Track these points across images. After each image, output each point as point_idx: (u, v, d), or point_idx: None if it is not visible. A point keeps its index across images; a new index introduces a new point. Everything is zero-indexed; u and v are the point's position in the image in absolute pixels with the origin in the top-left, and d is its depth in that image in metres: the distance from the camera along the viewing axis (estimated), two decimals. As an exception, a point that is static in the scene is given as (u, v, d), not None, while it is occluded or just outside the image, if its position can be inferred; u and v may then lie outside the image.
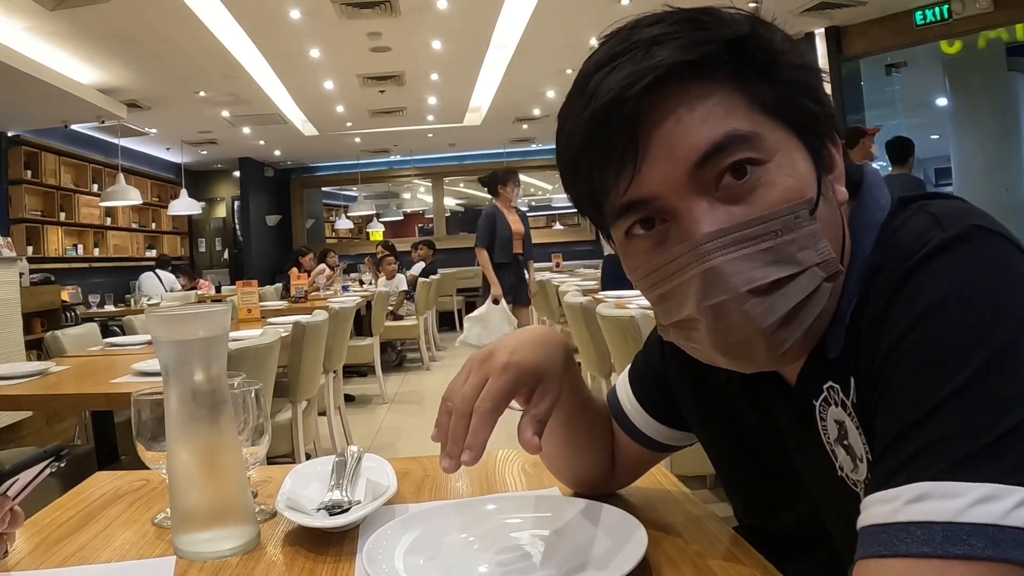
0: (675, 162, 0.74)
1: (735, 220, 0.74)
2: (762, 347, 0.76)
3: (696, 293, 0.75)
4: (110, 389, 2.74)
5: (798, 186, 0.75)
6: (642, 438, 1.18)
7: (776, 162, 0.75)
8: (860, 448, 0.79)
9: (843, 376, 0.79)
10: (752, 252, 0.73)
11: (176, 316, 1.05)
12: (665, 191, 0.76)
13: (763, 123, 0.75)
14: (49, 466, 0.94)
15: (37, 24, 6.84)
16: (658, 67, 0.73)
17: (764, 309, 0.74)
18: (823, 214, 0.76)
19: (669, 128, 0.74)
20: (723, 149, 0.73)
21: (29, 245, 10.02)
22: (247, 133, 12.57)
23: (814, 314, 0.76)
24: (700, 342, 0.80)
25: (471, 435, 0.88)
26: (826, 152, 0.80)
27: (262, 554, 1.06)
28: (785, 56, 0.77)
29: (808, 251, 0.74)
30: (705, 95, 0.74)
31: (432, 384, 8.37)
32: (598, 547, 0.98)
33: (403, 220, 18.45)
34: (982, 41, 9.25)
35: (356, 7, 7.21)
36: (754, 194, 0.74)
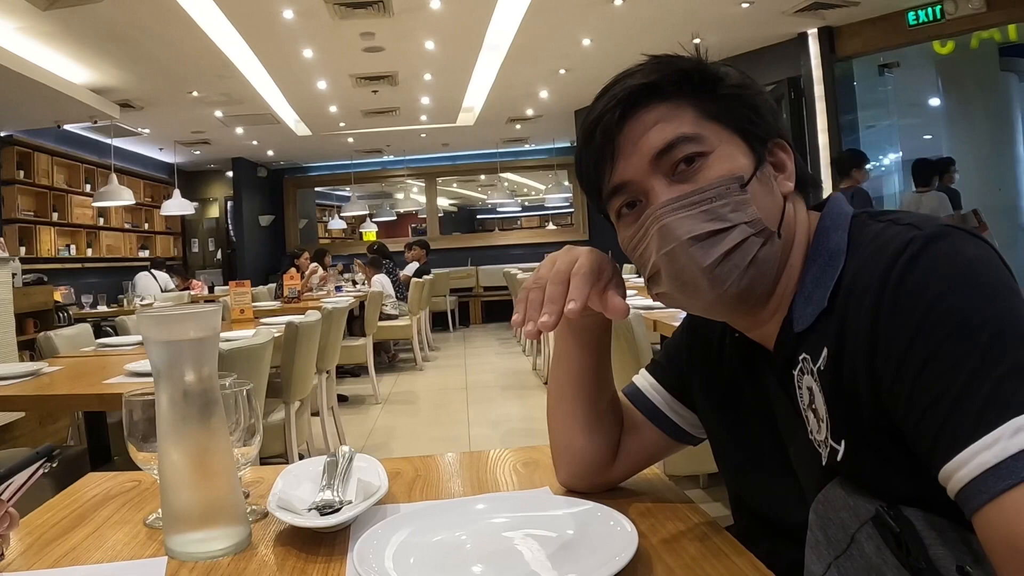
0: (640, 156, 1.00)
1: (682, 192, 0.97)
2: (705, 284, 0.96)
3: (655, 246, 0.98)
4: (103, 390, 2.74)
5: (732, 168, 0.98)
6: (663, 421, 1.27)
7: (716, 154, 0.98)
8: (822, 410, 0.93)
9: (815, 347, 0.94)
10: (694, 213, 0.96)
11: (167, 316, 1.05)
12: (636, 176, 1.01)
13: (707, 126, 0.99)
14: (42, 467, 0.94)
15: (30, 24, 6.82)
16: (624, 90, 1.01)
17: (702, 252, 0.95)
18: (757, 190, 0.98)
19: (636, 132, 1.00)
20: (674, 146, 0.98)
21: (22, 245, 9.98)
22: (240, 133, 12.55)
23: (745, 260, 0.96)
24: (664, 286, 1.01)
25: (574, 290, 1.03)
26: (773, 156, 1.04)
27: (253, 554, 1.07)
28: (725, 79, 1.02)
29: (737, 213, 0.95)
30: (662, 108, 1.00)
31: (425, 384, 8.36)
32: (589, 546, 0.98)
33: (396, 220, 18.44)
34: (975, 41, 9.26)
35: (349, 7, 7.20)
36: (698, 175, 0.98)
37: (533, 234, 18.02)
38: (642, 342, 3.04)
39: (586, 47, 8.90)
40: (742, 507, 1.19)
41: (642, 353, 3.03)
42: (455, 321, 14.07)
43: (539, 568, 0.95)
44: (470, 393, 7.60)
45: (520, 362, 9.41)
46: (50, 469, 0.95)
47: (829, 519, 0.89)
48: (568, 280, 1.04)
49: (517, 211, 21.05)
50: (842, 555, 0.86)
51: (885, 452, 0.85)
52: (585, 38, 8.64)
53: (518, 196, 20.83)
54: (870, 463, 0.87)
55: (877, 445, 0.86)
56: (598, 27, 8.22)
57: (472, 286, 15.17)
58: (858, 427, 0.88)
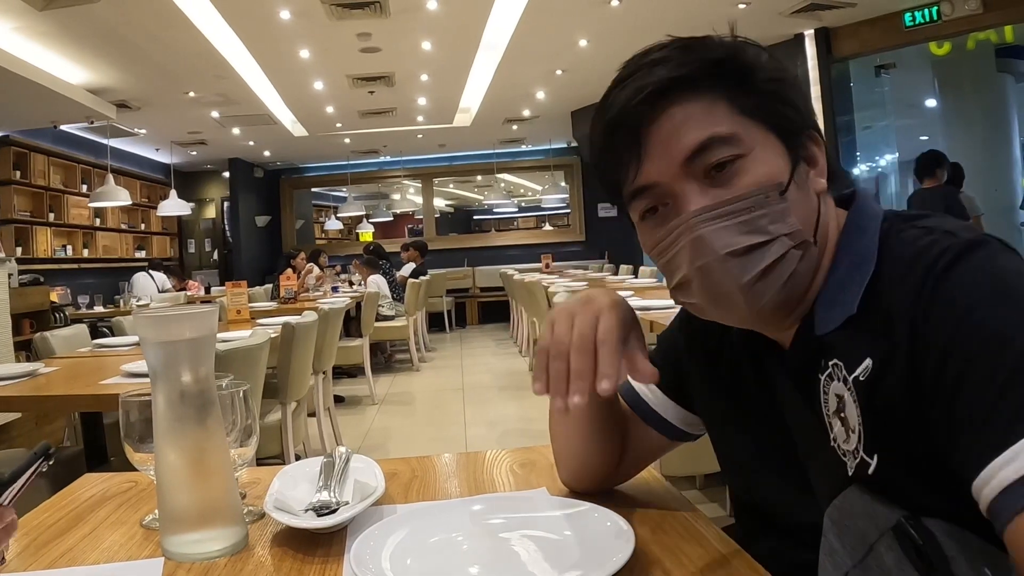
0: (669, 157, 0.91)
1: (717, 199, 0.90)
2: (741, 300, 0.91)
3: (688, 257, 0.92)
4: (99, 390, 2.74)
5: (770, 173, 0.91)
6: (659, 422, 1.24)
7: (753, 156, 0.91)
8: (855, 421, 0.88)
9: (850, 355, 0.89)
10: (731, 224, 0.89)
11: (163, 317, 1.05)
12: (663, 179, 0.93)
13: (743, 124, 0.91)
14: (39, 467, 0.94)
15: (26, 24, 6.81)
16: (653, 83, 0.91)
17: (740, 268, 0.89)
18: (795, 197, 0.91)
19: (664, 130, 0.91)
20: (707, 148, 0.90)
21: (18, 246, 9.96)
22: (237, 134, 12.53)
23: (784, 275, 0.90)
24: (695, 297, 0.95)
25: (605, 365, 0.95)
26: (805, 151, 0.96)
27: (250, 555, 1.06)
28: (762, 71, 0.94)
29: (778, 224, 0.89)
30: (692, 103, 0.91)
31: (422, 385, 8.35)
32: (586, 547, 0.98)
33: (393, 221, 18.42)
34: (971, 42, 9.29)
35: (346, 8, 7.19)
36: (734, 180, 0.90)
37: (530, 235, 18.03)
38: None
39: (583, 48, 8.90)
40: (743, 505, 1.18)
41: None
42: (452, 322, 14.07)
43: (536, 569, 0.95)
44: (467, 394, 7.59)
45: (517, 363, 9.41)
46: (47, 468, 0.95)
47: (846, 526, 0.87)
48: (594, 348, 0.96)
49: (514, 212, 21.03)
50: (859, 564, 0.84)
51: (917, 466, 0.83)
52: (582, 39, 8.64)
53: (515, 197, 20.81)
54: (899, 476, 0.84)
55: (910, 460, 0.83)
56: (595, 28, 8.22)
57: (469, 287, 15.17)
58: (894, 442, 0.84)
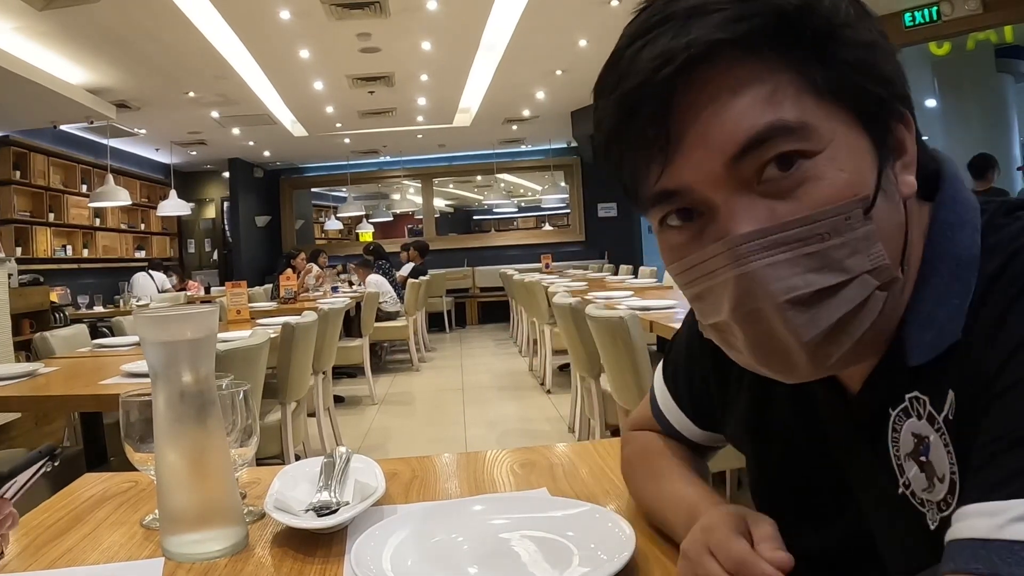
0: (711, 153, 0.66)
1: (777, 219, 0.65)
2: (804, 360, 0.68)
3: (731, 298, 0.68)
4: (99, 390, 2.74)
5: (852, 181, 0.66)
6: (686, 441, 1.15)
7: (828, 154, 0.65)
8: (944, 467, 0.68)
9: (936, 388, 0.69)
10: (794, 256, 0.65)
11: (163, 317, 1.05)
12: (700, 183, 0.68)
13: (815, 110, 0.66)
14: (44, 466, 0.94)
15: (26, 24, 6.81)
16: (693, 45, 0.64)
17: (805, 321, 0.66)
18: (881, 213, 0.67)
19: (705, 115, 0.66)
20: (765, 141, 0.64)
21: (18, 246, 9.97)
22: (236, 134, 12.53)
23: (864, 326, 0.67)
24: (738, 348, 0.73)
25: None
26: (892, 138, 0.71)
27: (250, 555, 1.06)
28: (848, 30, 0.67)
29: (859, 256, 0.65)
30: (747, 78, 0.65)
31: (422, 385, 8.35)
32: (586, 547, 0.98)
33: (392, 221, 18.42)
34: (971, 43, 9.29)
35: (346, 8, 7.19)
36: (800, 189, 0.65)
37: (529, 235, 18.02)
38: (638, 342, 3.04)
39: (583, 48, 8.90)
40: None
41: (638, 353, 3.03)
42: (451, 322, 14.06)
43: (537, 570, 0.95)
44: (467, 394, 7.59)
45: (517, 363, 9.41)
46: (51, 468, 0.95)
47: None
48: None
49: (513, 212, 21.04)
50: None
51: None
52: (582, 39, 8.64)
53: (514, 197, 20.83)
54: None
55: None
56: (594, 28, 8.21)
57: (468, 287, 15.17)
58: None
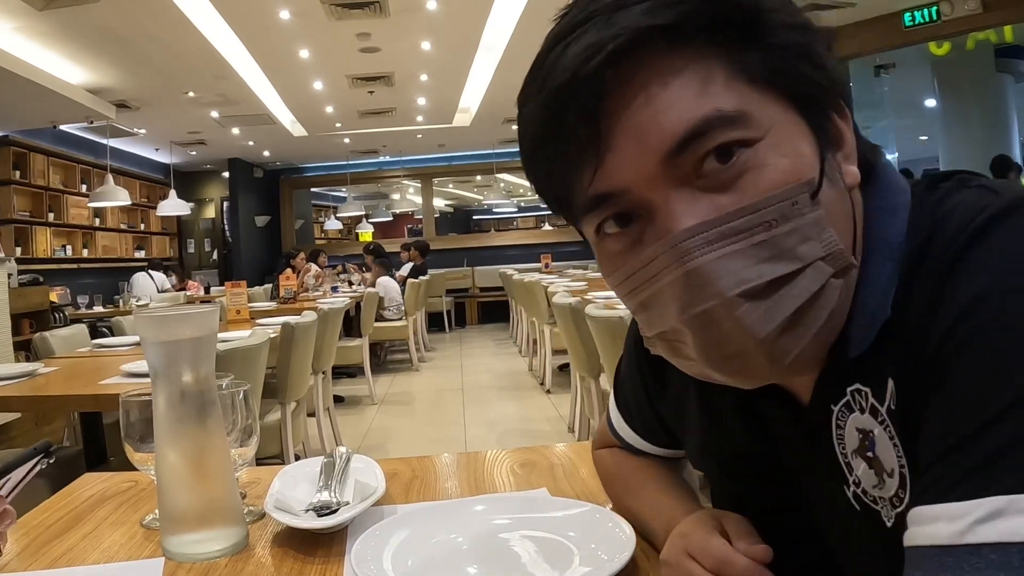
0: (646, 150, 0.62)
1: (721, 211, 0.61)
2: (761, 360, 0.63)
3: (678, 300, 0.63)
4: (99, 390, 2.74)
5: (795, 167, 0.62)
6: (653, 458, 1.11)
7: (768, 141, 0.62)
8: (892, 461, 0.65)
9: (875, 378, 0.66)
10: (743, 248, 0.61)
11: (164, 317, 1.05)
12: (636, 183, 0.63)
13: (752, 97, 0.62)
14: (39, 463, 0.94)
15: (26, 24, 6.81)
16: (619, 35, 0.60)
17: (760, 315, 0.61)
18: (828, 198, 0.64)
19: (637, 109, 0.62)
20: (703, 134, 0.61)
21: (18, 246, 9.98)
22: (236, 134, 12.54)
23: (822, 317, 0.63)
24: (690, 357, 0.67)
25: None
26: (832, 126, 0.68)
27: (251, 555, 1.06)
28: (777, 14, 0.64)
29: (811, 243, 0.62)
30: (680, 67, 0.62)
31: (422, 385, 8.34)
32: (586, 547, 0.98)
33: (392, 221, 18.46)
34: (971, 43, 9.30)
35: (346, 8, 7.20)
36: (742, 179, 0.62)
37: (529, 235, 18.02)
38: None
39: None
40: None
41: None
42: (451, 322, 14.05)
43: (537, 570, 0.95)
44: (466, 394, 7.59)
45: (516, 363, 9.40)
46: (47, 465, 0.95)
47: None
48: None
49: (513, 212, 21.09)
50: None
51: None
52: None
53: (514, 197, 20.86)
54: None
55: None
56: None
57: (468, 287, 15.15)
58: None
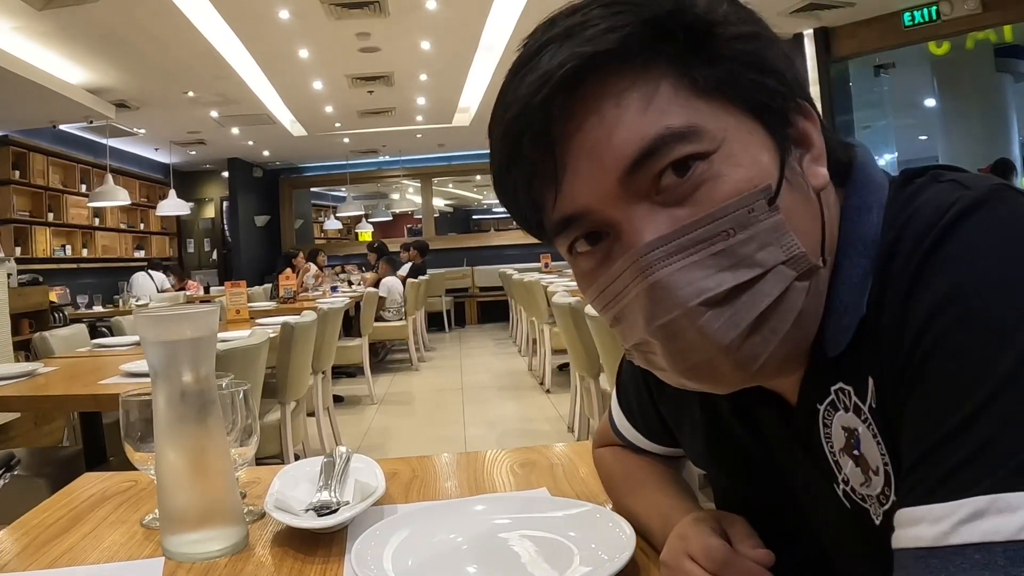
0: (602, 171, 0.64)
1: (678, 224, 0.63)
2: (729, 366, 0.65)
3: (644, 313, 0.65)
4: (98, 390, 2.73)
5: (750, 176, 0.64)
6: (654, 456, 1.13)
7: (723, 152, 0.63)
8: (876, 459, 0.67)
9: (857, 376, 0.67)
10: (701, 258, 0.63)
11: (164, 317, 1.05)
12: (596, 203, 0.66)
13: (702, 110, 0.64)
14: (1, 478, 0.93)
15: (25, 24, 6.81)
16: (566, 63, 0.63)
17: (723, 323, 0.63)
18: (789, 202, 0.65)
19: (590, 131, 0.64)
20: (656, 151, 0.63)
21: (17, 246, 9.98)
22: (236, 133, 12.54)
23: (788, 320, 0.64)
24: (662, 366, 0.70)
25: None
26: (794, 130, 0.69)
27: (251, 555, 1.06)
28: (725, 27, 0.65)
29: (771, 248, 0.63)
30: (628, 88, 0.64)
31: (421, 385, 8.34)
32: (586, 547, 0.98)
33: (392, 221, 18.44)
34: (970, 42, 9.29)
35: (345, 7, 7.20)
36: (699, 192, 0.63)
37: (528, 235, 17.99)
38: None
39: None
40: None
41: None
42: (451, 321, 14.05)
43: (536, 570, 0.95)
44: (466, 393, 7.59)
45: (516, 362, 9.40)
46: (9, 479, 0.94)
47: None
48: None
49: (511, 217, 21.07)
50: None
51: None
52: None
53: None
54: None
55: None
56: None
57: (468, 286, 15.15)
58: None
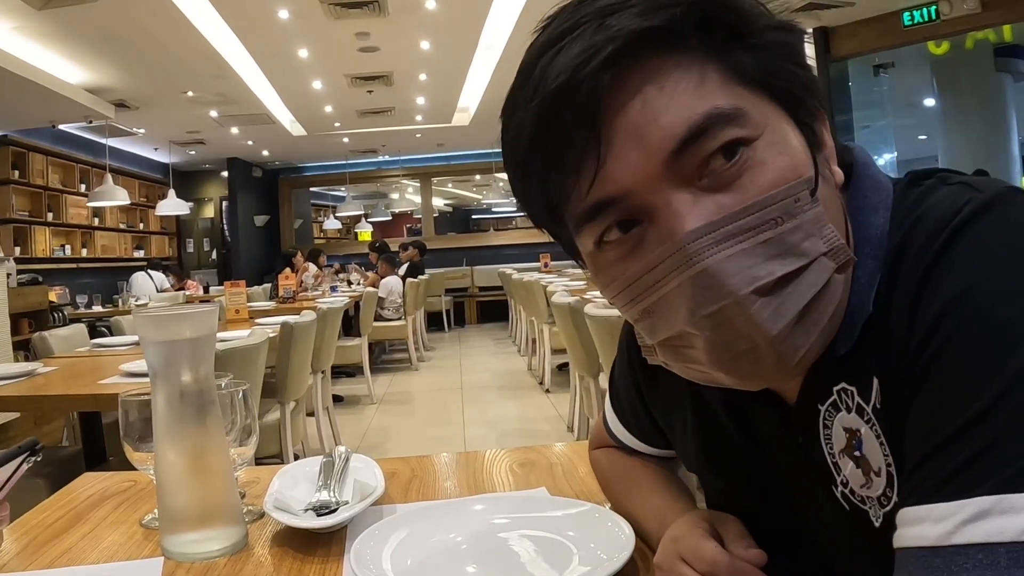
0: (647, 151, 0.62)
1: (725, 211, 0.61)
2: (772, 358, 0.63)
3: (688, 302, 0.62)
4: (98, 390, 2.73)
5: (793, 164, 0.63)
6: (648, 458, 1.12)
7: (766, 139, 0.63)
8: (879, 460, 0.66)
9: (861, 377, 0.67)
10: (750, 246, 0.61)
11: (163, 316, 1.05)
12: (638, 186, 0.63)
13: (745, 96, 0.63)
14: (25, 461, 0.93)
15: (25, 24, 6.81)
16: (616, 38, 0.61)
17: (773, 312, 0.61)
18: (824, 195, 0.65)
19: (636, 111, 0.62)
20: (704, 132, 0.61)
21: (17, 246, 9.97)
22: (235, 133, 12.53)
23: (828, 312, 0.64)
24: (697, 360, 0.67)
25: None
26: (817, 125, 0.69)
27: (250, 555, 1.06)
28: (760, 16, 0.65)
29: (814, 239, 0.62)
30: (674, 69, 0.62)
31: (421, 385, 8.34)
32: (585, 547, 0.98)
33: (391, 220, 18.45)
34: (969, 42, 9.28)
35: (344, 7, 7.20)
36: (744, 178, 0.62)
37: (528, 234, 17.94)
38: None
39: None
40: None
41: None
42: (450, 321, 14.04)
43: (536, 569, 0.95)
44: (466, 393, 7.59)
45: (516, 362, 9.40)
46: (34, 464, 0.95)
47: None
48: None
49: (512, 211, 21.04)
50: None
51: None
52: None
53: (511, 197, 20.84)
54: None
55: None
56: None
57: (467, 286, 15.15)
58: None
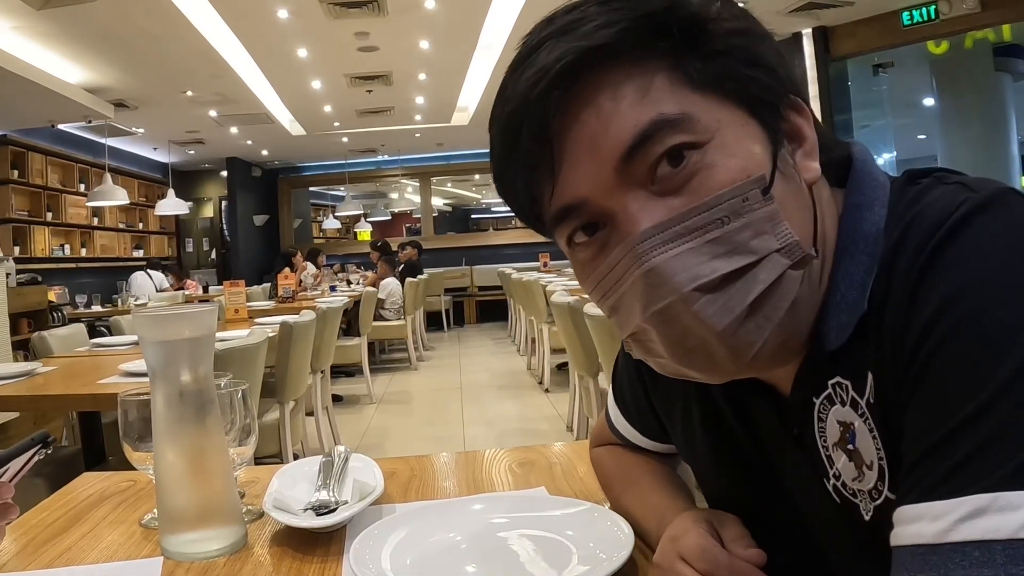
0: (599, 160, 0.66)
1: (674, 212, 0.65)
2: (723, 352, 0.66)
3: (641, 300, 0.66)
4: (97, 390, 2.73)
5: (744, 165, 0.65)
6: (651, 455, 1.13)
7: (716, 143, 0.65)
8: (871, 454, 0.68)
9: (856, 371, 0.68)
10: (696, 245, 0.64)
11: (162, 316, 1.05)
12: (593, 193, 0.67)
13: (695, 101, 0.66)
14: (37, 453, 0.93)
15: (24, 23, 6.81)
16: (564, 56, 0.66)
17: (718, 308, 0.64)
18: (783, 193, 0.66)
19: (586, 123, 0.66)
20: (650, 138, 0.64)
21: (16, 245, 9.98)
22: (234, 133, 12.54)
23: (783, 308, 0.65)
24: (659, 353, 0.71)
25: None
26: (786, 124, 0.71)
27: (249, 555, 1.06)
28: (717, 23, 0.67)
29: (765, 237, 0.64)
30: (623, 80, 0.66)
31: (420, 384, 8.34)
32: (585, 546, 0.98)
33: (391, 220, 18.43)
34: (969, 41, 9.29)
35: (344, 7, 7.20)
36: (694, 182, 0.65)
37: (527, 234, 17.66)
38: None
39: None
40: None
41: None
42: (450, 321, 14.04)
43: (535, 569, 0.95)
44: (465, 393, 7.59)
45: (515, 362, 9.40)
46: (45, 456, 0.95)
47: None
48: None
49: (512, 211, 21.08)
50: None
51: None
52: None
53: (507, 199, 20.86)
54: None
55: None
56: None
57: (467, 286, 15.14)
58: None
